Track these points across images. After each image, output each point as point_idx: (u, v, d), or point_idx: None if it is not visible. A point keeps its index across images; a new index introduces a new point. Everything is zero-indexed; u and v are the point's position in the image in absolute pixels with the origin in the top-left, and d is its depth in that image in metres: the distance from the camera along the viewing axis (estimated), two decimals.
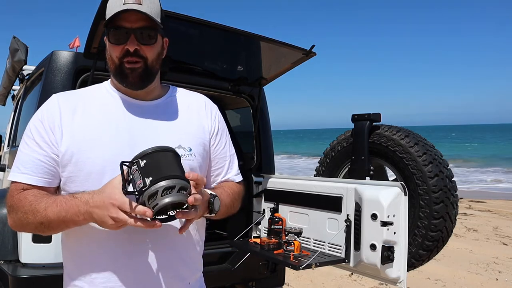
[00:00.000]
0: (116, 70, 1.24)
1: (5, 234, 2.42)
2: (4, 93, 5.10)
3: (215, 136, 1.39)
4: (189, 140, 1.30)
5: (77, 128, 1.21)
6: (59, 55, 2.48)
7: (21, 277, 2.21)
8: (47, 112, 1.24)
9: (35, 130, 1.23)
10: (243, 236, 2.82)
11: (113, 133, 1.23)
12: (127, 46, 1.20)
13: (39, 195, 1.17)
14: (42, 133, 1.21)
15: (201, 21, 2.20)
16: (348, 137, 2.79)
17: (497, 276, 5.21)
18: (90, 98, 1.30)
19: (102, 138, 1.21)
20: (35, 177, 1.19)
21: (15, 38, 3.78)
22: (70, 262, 1.33)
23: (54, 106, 1.24)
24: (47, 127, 1.21)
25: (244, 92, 3.13)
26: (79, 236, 1.25)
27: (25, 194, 1.18)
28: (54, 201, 1.14)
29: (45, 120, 1.22)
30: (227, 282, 2.88)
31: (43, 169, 1.20)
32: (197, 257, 1.40)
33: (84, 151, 1.19)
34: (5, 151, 4.05)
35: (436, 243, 2.35)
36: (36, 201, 1.15)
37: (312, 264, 2.15)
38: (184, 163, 1.14)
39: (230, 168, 1.44)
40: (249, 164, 3.22)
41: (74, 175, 1.20)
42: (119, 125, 1.24)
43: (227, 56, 2.86)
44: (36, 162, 1.20)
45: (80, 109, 1.25)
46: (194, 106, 1.39)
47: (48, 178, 1.21)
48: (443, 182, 2.31)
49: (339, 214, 2.35)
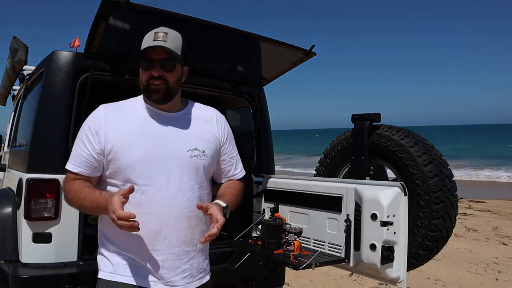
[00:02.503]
0: (144, 89, 1.65)
1: (5, 234, 2.43)
2: (4, 93, 5.10)
3: (224, 142, 1.81)
4: (203, 144, 1.71)
5: (118, 134, 1.61)
6: (59, 55, 2.48)
7: (21, 277, 2.21)
8: (94, 120, 1.64)
9: (84, 133, 1.64)
10: (243, 236, 2.82)
11: (145, 137, 1.62)
12: (152, 72, 1.61)
13: (82, 186, 1.59)
14: (89, 136, 1.62)
15: (201, 21, 2.20)
16: (348, 137, 2.79)
17: (497, 276, 5.22)
18: (128, 109, 1.69)
19: (137, 141, 1.61)
20: (79, 168, 1.62)
21: (15, 38, 3.79)
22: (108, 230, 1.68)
23: (100, 115, 1.65)
24: (94, 131, 1.61)
25: (244, 92, 3.13)
26: None
27: (74, 183, 1.61)
28: (90, 194, 1.56)
29: (92, 126, 1.63)
30: (227, 282, 2.88)
31: (86, 163, 1.62)
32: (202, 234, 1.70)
33: (124, 151, 1.59)
34: (5, 151, 4.04)
35: (436, 243, 2.35)
36: (79, 190, 1.58)
37: (312, 264, 2.15)
38: (198, 161, 1.67)
39: (236, 166, 1.89)
40: (249, 164, 3.22)
41: (117, 168, 1.60)
42: (149, 131, 1.64)
43: (227, 56, 2.86)
44: (81, 157, 1.62)
45: (121, 118, 1.65)
46: (208, 118, 1.80)
47: (89, 170, 1.62)
48: (443, 182, 2.31)
49: (339, 214, 2.35)
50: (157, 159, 1.61)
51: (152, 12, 2.03)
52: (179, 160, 1.64)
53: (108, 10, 1.92)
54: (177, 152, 1.65)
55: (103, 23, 2.00)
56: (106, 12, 1.94)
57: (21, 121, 3.21)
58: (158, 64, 1.60)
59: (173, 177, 1.62)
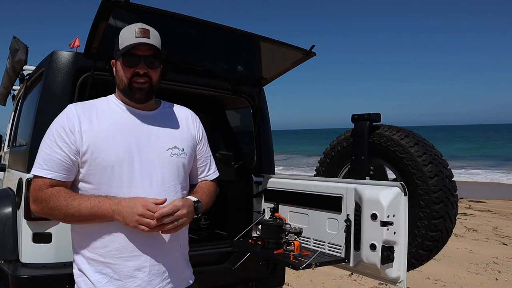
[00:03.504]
0: (125, 88, 1.57)
1: (5, 234, 2.43)
2: (5, 93, 5.10)
3: (200, 141, 1.78)
4: (181, 143, 1.66)
5: (95, 132, 1.51)
6: (59, 55, 2.48)
7: (21, 277, 2.22)
8: (67, 119, 1.52)
9: (56, 133, 1.51)
10: (243, 236, 2.82)
11: (123, 136, 1.54)
12: (137, 69, 1.54)
13: (70, 192, 1.48)
14: (63, 136, 1.49)
15: (201, 21, 2.20)
16: (348, 137, 2.79)
17: (496, 276, 5.22)
18: (101, 107, 1.60)
19: (115, 140, 1.52)
20: (55, 173, 1.48)
21: (15, 38, 3.79)
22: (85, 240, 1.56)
23: (73, 114, 1.53)
24: (68, 131, 1.50)
25: (244, 92, 3.13)
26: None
27: (57, 189, 1.47)
28: (88, 199, 1.46)
29: (66, 125, 1.51)
30: (227, 282, 2.88)
31: (62, 167, 1.49)
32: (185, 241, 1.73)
33: (101, 150, 1.49)
34: (5, 151, 4.04)
35: (436, 243, 2.35)
36: (70, 197, 1.46)
37: (312, 264, 2.15)
38: (179, 160, 1.62)
39: (210, 166, 1.84)
40: (249, 164, 3.22)
41: (93, 169, 1.50)
42: (127, 130, 1.56)
43: (227, 56, 2.86)
44: (55, 161, 1.48)
45: (94, 116, 1.55)
46: (183, 116, 1.75)
47: (66, 174, 1.50)
48: (443, 182, 2.31)
49: (339, 214, 2.36)
50: (137, 159, 1.54)
51: (152, 12, 2.03)
52: (161, 159, 1.58)
53: (108, 10, 1.92)
54: (157, 151, 1.59)
55: (103, 23, 2.00)
56: (106, 12, 1.94)
57: (21, 121, 3.22)
58: (143, 61, 1.54)
59: (156, 177, 1.56)
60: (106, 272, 1.50)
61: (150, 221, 1.41)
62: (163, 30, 1.68)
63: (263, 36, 2.47)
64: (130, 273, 1.50)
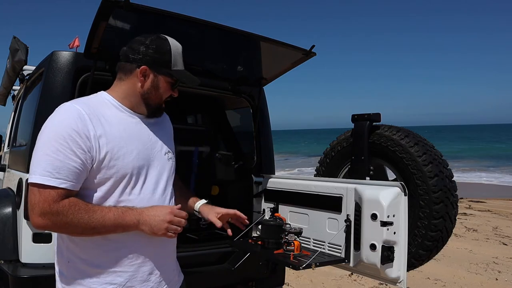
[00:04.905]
0: (156, 105, 1.59)
1: (5, 234, 2.43)
2: (5, 93, 5.10)
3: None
4: (171, 146, 1.73)
5: (109, 138, 1.43)
6: (59, 55, 2.48)
7: (21, 277, 2.22)
8: (81, 122, 1.38)
9: (70, 138, 1.35)
10: (243, 236, 2.82)
11: (135, 143, 1.51)
12: (174, 93, 1.63)
13: (87, 204, 1.38)
14: (79, 142, 1.36)
15: (201, 21, 2.20)
16: (348, 137, 2.79)
17: (496, 276, 5.22)
18: (102, 109, 1.49)
19: (128, 147, 1.48)
20: (69, 183, 1.34)
21: (15, 38, 3.79)
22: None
23: (84, 116, 1.40)
24: (84, 136, 1.37)
25: (244, 92, 3.13)
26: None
27: (74, 201, 1.35)
28: (109, 211, 1.39)
29: (80, 129, 1.37)
30: (227, 282, 2.88)
31: (77, 175, 1.36)
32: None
33: (119, 158, 1.44)
34: (5, 151, 4.05)
35: (436, 243, 2.35)
36: (90, 210, 1.36)
37: (312, 264, 2.15)
38: (173, 164, 1.69)
39: None
40: (249, 164, 3.22)
41: (109, 176, 1.42)
42: (135, 136, 1.53)
43: (227, 56, 2.86)
44: (71, 169, 1.34)
45: (103, 120, 1.45)
46: (165, 119, 1.77)
47: (79, 184, 1.38)
48: (443, 182, 2.31)
49: (339, 214, 2.35)
50: (148, 166, 1.55)
51: (152, 12, 2.03)
52: (163, 164, 1.61)
53: (108, 10, 1.92)
54: (159, 155, 1.61)
55: (103, 23, 2.00)
56: (106, 12, 1.94)
57: (21, 121, 3.22)
58: (177, 87, 1.64)
59: (161, 182, 1.59)
60: (117, 282, 1.46)
61: (177, 227, 1.47)
62: (163, 30, 1.68)
63: (263, 36, 2.47)
64: (145, 277, 1.52)
